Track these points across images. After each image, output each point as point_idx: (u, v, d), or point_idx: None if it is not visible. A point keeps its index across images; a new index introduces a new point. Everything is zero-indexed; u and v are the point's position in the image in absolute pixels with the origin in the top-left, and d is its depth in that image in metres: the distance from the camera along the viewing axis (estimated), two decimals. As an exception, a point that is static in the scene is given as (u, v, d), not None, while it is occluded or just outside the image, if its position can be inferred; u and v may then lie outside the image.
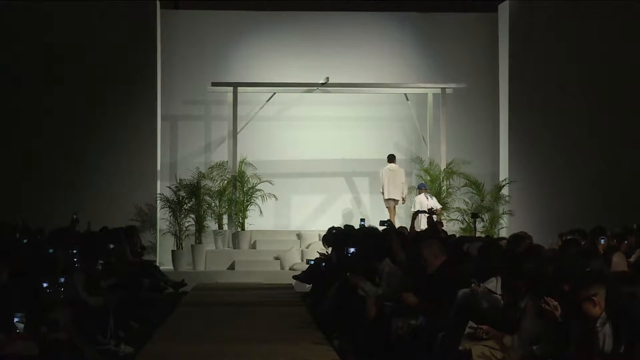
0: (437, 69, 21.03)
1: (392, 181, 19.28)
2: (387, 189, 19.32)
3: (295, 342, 10.52)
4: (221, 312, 13.55)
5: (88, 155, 19.17)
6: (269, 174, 19.91)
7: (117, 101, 19.30)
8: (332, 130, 20.78)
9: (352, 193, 20.96)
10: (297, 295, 15.69)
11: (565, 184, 19.59)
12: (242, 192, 19.52)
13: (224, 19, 20.97)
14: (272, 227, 20.38)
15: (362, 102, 20.94)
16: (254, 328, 11.73)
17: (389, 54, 21.07)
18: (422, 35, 21.18)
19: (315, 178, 20.83)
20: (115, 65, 19.35)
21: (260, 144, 20.49)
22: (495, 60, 20.60)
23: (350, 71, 20.57)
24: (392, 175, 19.34)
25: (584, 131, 19.78)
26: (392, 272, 10.04)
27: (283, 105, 20.72)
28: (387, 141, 20.38)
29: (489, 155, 20.65)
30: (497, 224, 19.16)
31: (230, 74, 20.50)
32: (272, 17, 21.01)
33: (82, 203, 18.07)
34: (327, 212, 20.62)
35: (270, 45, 20.87)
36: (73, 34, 19.32)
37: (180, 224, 19.04)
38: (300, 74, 20.35)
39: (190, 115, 20.72)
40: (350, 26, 21.06)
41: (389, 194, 19.31)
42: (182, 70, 20.64)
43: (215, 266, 18.86)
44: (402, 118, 20.85)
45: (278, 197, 19.88)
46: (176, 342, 10.75)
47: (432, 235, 11.44)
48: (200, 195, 19.08)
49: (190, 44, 20.76)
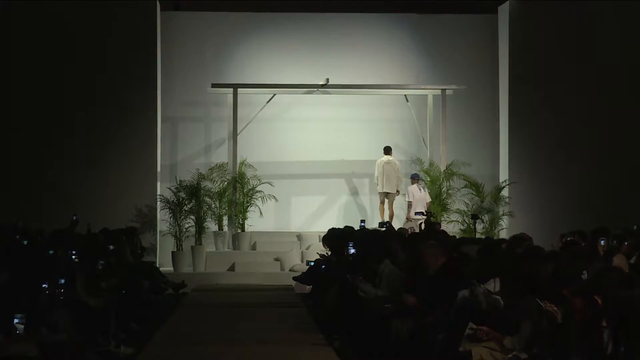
0: (437, 70, 21.04)
1: (387, 174, 19.35)
2: (381, 181, 19.40)
3: (295, 344, 10.51)
4: (221, 313, 13.55)
5: (88, 156, 19.15)
6: (269, 175, 19.92)
7: (117, 102, 19.29)
8: (332, 131, 20.79)
9: (352, 194, 20.96)
10: (297, 297, 15.68)
11: (565, 185, 19.58)
12: (242, 194, 19.52)
13: (224, 20, 20.96)
14: (272, 229, 20.38)
15: (362, 104, 20.95)
16: (254, 329, 11.73)
17: (388, 56, 21.08)
18: (422, 36, 21.19)
19: (315, 179, 20.84)
20: (115, 67, 19.34)
21: (260, 146, 20.49)
22: (495, 61, 20.60)
23: (350, 72, 20.57)
24: (387, 168, 19.40)
25: (584, 132, 19.78)
26: (392, 273, 10.04)
27: (283, 107, 20.72)
28: (387, 142, 20.32)
29: (489, 157, 20.65)
30: (497, 225, 19.15)
31: (230, 75, 20.51)
32: (272, 19, 21.01)
33: (82, 204, 18.07)
34: (327, 213, 20.62)
35: (270, 47, 20.88)
36: (73, 35, 19.31)
37: (180, 226, 19.04)
38: (300, 76, 20.34)
39: (190, 116, 20.72)
40: (351, 27, 21.07)
41: (382, 187, 19.40)
42: (182, 72, 20.65)
43: (216, 267, 18.85)
44: (402, 119, 20.85)
45: (278, 199, 19.90)
46: (176, 343, 10.75)
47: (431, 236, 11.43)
48: (201, 197, 19.08)
49: (190, 45, 20.76)
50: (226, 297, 15.80)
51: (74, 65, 19.27)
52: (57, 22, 19.30)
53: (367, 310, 9.70)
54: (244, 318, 12.92)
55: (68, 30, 19.32)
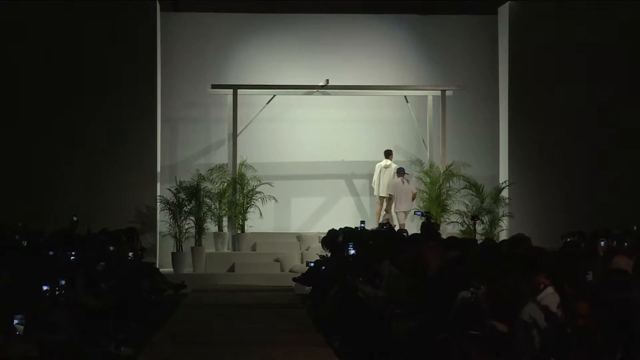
0: (437, 71, 21.04)
1: (383, 178, 19.46)
2: (376, 185, 19.56)
3: (295, 345, 10.52)
4: (221, 314, 13.56)
5: (88, 157, 19.15)
6: (268, 176, 19.93)
7: (118, 103, 19.30)
8: (332, 132, 20.80)
9: (352, 195, 20.96)
10: (297, 298, 15.69)
11: (565, 186, 19.57)
12: (242, 195, 19.53)
13: (224, 22, 20.97)
14: (272, 230, 20.39)
15: (362, 105, 20.95)
16: (253, 330, 11.74)
17: (388, 57, 21.08)
18: (422, 37, 21.19)
19: (315, 180, 20.84)
20: (115, 68, 19.34)
21: (260, 146, 20.49)
22: (495, 62, 20.61)
23: (350, 73, 20.57)
24: (383, 172, 19.49)
25: (583, 133, 19.77)
26: (392, 274, 10.04)
27: (283, 108, 20.72)
28: (387, 144, 20.36)
29: (488, 158, 20.64)
30: (497, 226, 19.16)
31: (230, 76, 20.51)
32: (272, 20, 21.02)
33: (82, 205, 18.07)
34: (327, 214, 20.61)
35: (270, 48, 20.88)
36: (73, 36, 19.31)
37: (180, 226, 19.04)
38: (300, 77, 20.35)
39: (190, 117, 20.72)
40: (350, 28, 21.07)
41: (377, 190, 19.54)
42: (182, 73, 20.65)
43: (215, 268, 18.85)
44: (402, 120, 20.84)
45: (278, 200, 19.90)
46: (176, 344, 10.76)
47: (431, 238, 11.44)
48: (200, 198, 19.08)
49: (190, 46, 20.77)
50: (226, 298, 15.81)
51: (74, 66, 19.26)
52: (57, 23, 19.30)
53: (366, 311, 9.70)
54: (243, 319, 12.93)
55: (68, 31, 19.31)
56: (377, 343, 9.00)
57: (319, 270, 14.35)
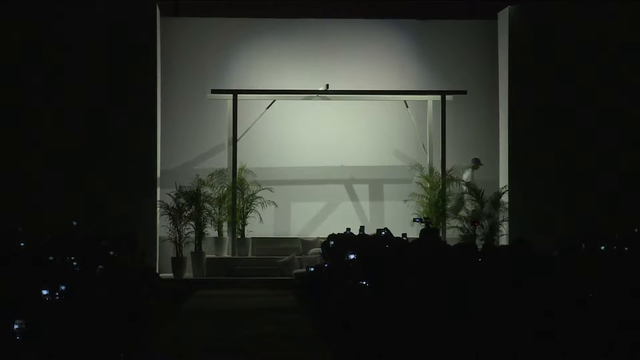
0: (436, 76, 21.04)
1: None
2: None
3: (295, 349, 10.51)
4: (221, 319, 13.54)
5: (87, 162, 19.15)
6: (268, 181, 19.93)
7: (117, 108, 19.29)
8: (332, 137, 20.80)
9: (352, 200, 20.95)
10: (296, 302, 15.67)
11: (565, 191, 19.57)
12: (242, 199, 19.53)
13: (224, 26, 20.99)
14: (272, 234, 20.39)
15: (362, 109, 20.94)
16: (253, 335, 11.72)
17: (388, 61, 21.09)
18: (422, 42, 21.20)
19: (315, 185, 20.84)
20: (114, 72, 19.35)
21: (260, 151, 20.50)
22: (495, 67, 20.62)
23: (350, 78, 20.58)
24: None
25: (584, 137, 19.77)
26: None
27: (283, 113, 20.72)
28: (386, 148, 20.39)
29: (488, 163, 20.63)
30: (497, 230, 19.16)
31: (230, 81, 20.52)
32: (271, 24, 21.04)
33: (81, 210, 18.07)
34: (327, 219, 20.61)
35: (269, 53, 20.89)
36: (73, 39, 19.31)
37: (180, 231, 19.03)
38: (300, 81, 20.36)
39: (190, 122, 20.72)
40: (350, 33, 21.08)
41: None
42: (181, 77, 20.66)
43: (215, 273, 18.85)
44: (402, 125, 20.84)
45: (278, 204, 19.90)
46: (176, 349, 10.74)
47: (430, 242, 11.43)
48: (200, 203, 19.08)
49: (190, 51, 20.78)
50: (226, 303, 15.79)
51: (73, 71, 19.26)
52: (57, 26, 19.30)
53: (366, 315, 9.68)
54: (243, 324, 12.91)
55: (68, 35, 19.31)
56: (376, 347, 8.98)
57: (319, 275, 14.33)
